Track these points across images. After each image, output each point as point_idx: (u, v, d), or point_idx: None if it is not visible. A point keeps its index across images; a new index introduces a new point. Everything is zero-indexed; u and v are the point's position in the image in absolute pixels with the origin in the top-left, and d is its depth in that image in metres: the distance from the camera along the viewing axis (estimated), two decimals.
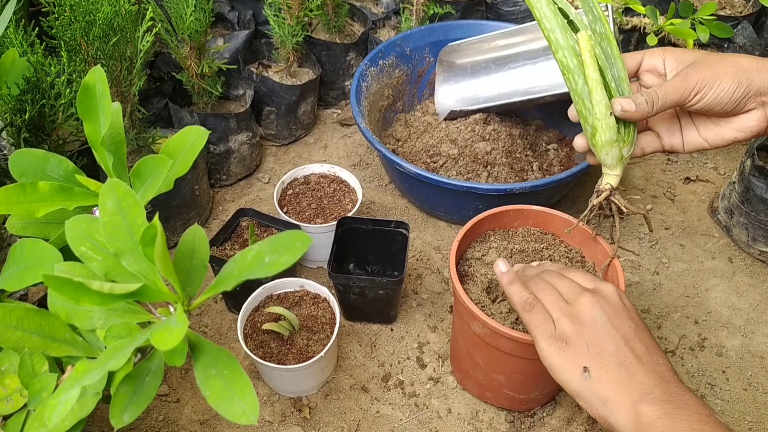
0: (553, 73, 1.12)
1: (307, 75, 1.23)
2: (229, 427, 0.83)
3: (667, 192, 1.17)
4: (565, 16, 0.69)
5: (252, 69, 1.19)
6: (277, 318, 0.84)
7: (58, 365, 0.47)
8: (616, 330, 0.59)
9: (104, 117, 0.52)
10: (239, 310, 0.84)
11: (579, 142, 0.72)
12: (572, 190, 1.15)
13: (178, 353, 0.42)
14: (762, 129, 0.66)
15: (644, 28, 1.25)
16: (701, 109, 0.66)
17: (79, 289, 0.39)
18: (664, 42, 1.24)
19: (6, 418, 0.46)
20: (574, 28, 0.69)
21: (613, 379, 0.57)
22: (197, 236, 0.50)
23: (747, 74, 0.63)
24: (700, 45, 1.25)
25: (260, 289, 0.86)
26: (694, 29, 1.18)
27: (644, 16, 1.23)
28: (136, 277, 0.44)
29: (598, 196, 0.70)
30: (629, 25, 1.26)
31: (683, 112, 0.71)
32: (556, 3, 0.68)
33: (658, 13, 1.20)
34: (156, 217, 0.40)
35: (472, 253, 0.81)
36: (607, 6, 1.06)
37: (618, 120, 0.67)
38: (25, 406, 0.46)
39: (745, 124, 0.66)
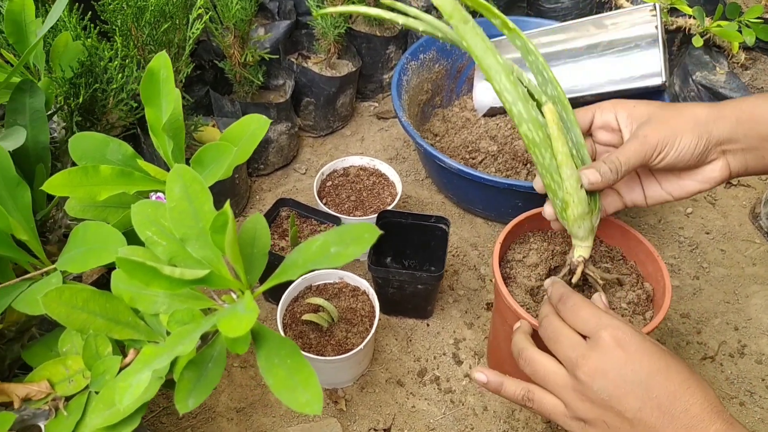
0: (595, 73, 1.11)
1: (346, 67, 1.23)
2: (265, 415, 0.84)
3: (707, 196, 1.15)
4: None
5: (292, 59, 1.19)
6: (316, 309, 0.84)
7: (120, 348, 0.47)
8: (626, 395, 0.52)
9: (167, 103, 0.52)
10: (277, 301, 0.84)
11: (548, 210, 0.69)
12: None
13: (242, 341, 0.42)
14: (725, 177, 0.64)
15: (689, 29, 1.23)
16: (664, 168, 0.65)
17: (150, 273, 0.39)
18: (709, 44, 1.22)
19: (68, 399, 0.46)
20: (532, 97, 0.65)
21: None
22: (259, 225, 0.50)
23: (706, 127, 0.62)
24: (745, 48, 1.23)
25: (300, 279, 0.86)
26: (740, 32, 1.17)
27: (690, 17, 1.21)
28: (201, 263, 0.44)
29: (572, 273, 0.68)
30: (674, 26, 1.24)
31: (644, 168, 0.69)
32: (513, 73, 0.62)
33: (704, 14, 1.18)
34: (227, 204, 0.40)
35: (512, 255, 0.80)
36: (654, 5, 1.04)
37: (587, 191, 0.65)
38: (86, 387, 0.46)
39: (709, 175, 0.65)
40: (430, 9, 1.35)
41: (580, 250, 0.67)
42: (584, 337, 0.57)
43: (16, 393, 0.46)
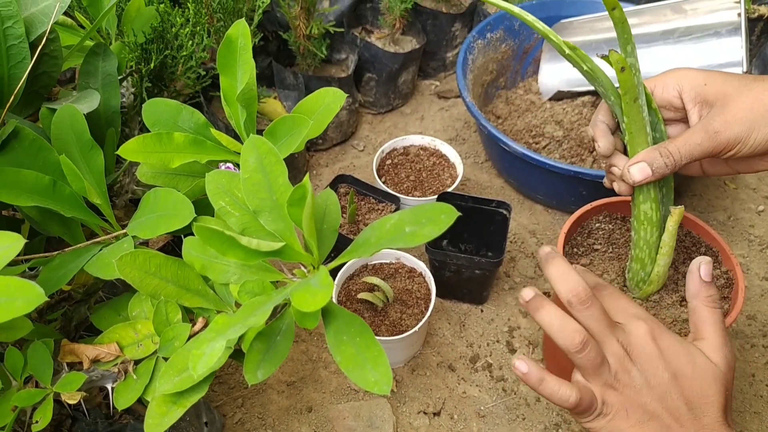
0: (669, 60, 1.06)
1: (410, 43, 1.21)
2: (315, 391, 0.84)
3: None
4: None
5: (356, 34, 1.17)
6: (372, 288, 0.83)
7: (188, 316, 0.47)
8: (651, 390, 0.51)
9: (242, 72, 0.51)
10: (333, 277, 0.83)
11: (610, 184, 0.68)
12: (679, 184, 1.09)
13: (313, 316, 0.41)
14: None
15: None
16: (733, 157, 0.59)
17: (227, 242, 0.38)
18: None
19: (137, 362, 0.46)
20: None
21: None
22: (329, 200, 0.49)
23: None
24: None
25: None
26: None
27: None
28: (273, 235, 0.44)
29: None
30: (755, 14, 1.17)
31: None
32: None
33: None
34: (306, 177, 0.39)
35: (572, 249, 0.77)
36: None
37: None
38: (154, 352, 0.46)
39: None
40: None
41: None
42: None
43: (86, 354, 0.47)
